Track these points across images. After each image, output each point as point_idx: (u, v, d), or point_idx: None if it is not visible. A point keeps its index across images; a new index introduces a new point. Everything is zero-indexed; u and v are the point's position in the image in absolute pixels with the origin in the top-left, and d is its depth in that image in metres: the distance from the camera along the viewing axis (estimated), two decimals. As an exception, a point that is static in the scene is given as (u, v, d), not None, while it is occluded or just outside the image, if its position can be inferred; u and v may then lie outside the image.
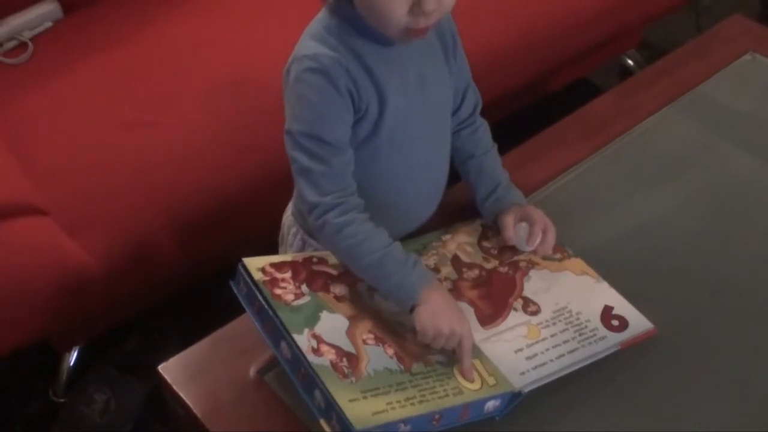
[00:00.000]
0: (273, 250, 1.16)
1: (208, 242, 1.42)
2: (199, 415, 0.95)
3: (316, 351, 0.89)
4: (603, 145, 1.31)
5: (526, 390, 0.95)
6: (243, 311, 1.05)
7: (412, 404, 0.89)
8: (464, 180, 1.16)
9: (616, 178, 1.27)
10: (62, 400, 1.54)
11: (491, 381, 0.95)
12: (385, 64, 0.99)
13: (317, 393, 0.87)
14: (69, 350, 1.54)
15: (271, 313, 0.93)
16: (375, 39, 0.97)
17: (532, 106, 1.93)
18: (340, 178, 0.98)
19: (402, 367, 0.93)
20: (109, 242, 1.31)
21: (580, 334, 1.02)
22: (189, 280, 1.50)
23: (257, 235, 1.34)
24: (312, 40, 0.97)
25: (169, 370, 1.00)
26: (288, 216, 1.15)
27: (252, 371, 1.00)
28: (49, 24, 1.62)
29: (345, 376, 0.88)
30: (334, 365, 0.89)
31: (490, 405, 0.94)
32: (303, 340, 0.90)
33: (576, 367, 0.98)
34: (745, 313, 1.08)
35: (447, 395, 0.92)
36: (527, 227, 1.10)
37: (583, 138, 1.32)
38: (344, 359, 0.90)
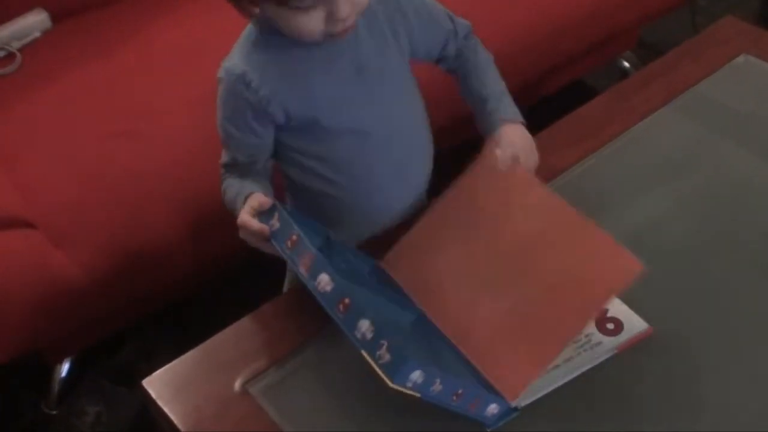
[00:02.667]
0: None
1: (199, 252, 1.41)
2: (183, 430, 0.94)
3: None
4: (596, 149, 1.29)
5: (522, 404, 0.94)
6: (231, 322, 1.05)
7: None
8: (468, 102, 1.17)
9: (609, 181, 1.25)
10: (54, 413, 1.53)
11: None
12: (310, 63, 1.02)
13: (363, 323, 0.85)
14: (60, 362, 1.53)
15: (308, 243, 0.93)
16: (297, 43, 0.99)
17: (526, 109, 1.91)
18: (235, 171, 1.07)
19: None
20: (97, 254, 1.30)
21: (574, 342, 1.00)
22: (181, 289, 1.49)
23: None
24: (236, 47, 1.04)
25: (154, 384, 0.98)
26: None
27: (237, 385, 0.98)
28: (37, 34, 1.61)
29: None
30: None
31: (492, 408, 0.92)
32: None
33: (573, 376, 0.97)
34: (744, 313, 1.06)
35: None
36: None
37: (575, 142, 1.30)
38: None
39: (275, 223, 0.99)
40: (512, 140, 1.10)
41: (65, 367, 1.54)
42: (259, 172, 1.09)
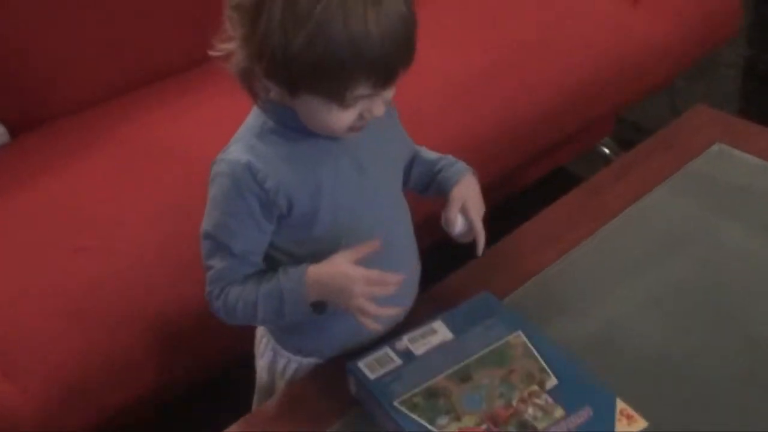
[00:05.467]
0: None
1: (162, 370, 1.34)
2: None
3: None
4: (567, 250, 1.24)
5: None
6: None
7: None
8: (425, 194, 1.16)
9: (583, 282, 1.20)
10: None
11: None
12: (317, 156, 1.00)
13: None
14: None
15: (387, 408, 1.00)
16: (307, 134, 0.97)
17: (502, 201, 1.87)
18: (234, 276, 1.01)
19: None
20: (50, 383, 1.23)
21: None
22: (143, 411, 1.41)
23: (229, 351, 1.29)
24: (235, 143, 1.00)
25: None
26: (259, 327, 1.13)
27: None
28: (-5, 149, 1.58)
29: None
30: None
31: None
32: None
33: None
34: (724, 424, 1.00)
35: None
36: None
37: (546, 243, 1.25)
38: None
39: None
40: (462, 194, 1.09)
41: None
42: (257, 274, 1.03)
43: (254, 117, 1.01)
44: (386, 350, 1.07)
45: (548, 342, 1.07)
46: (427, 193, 1.15)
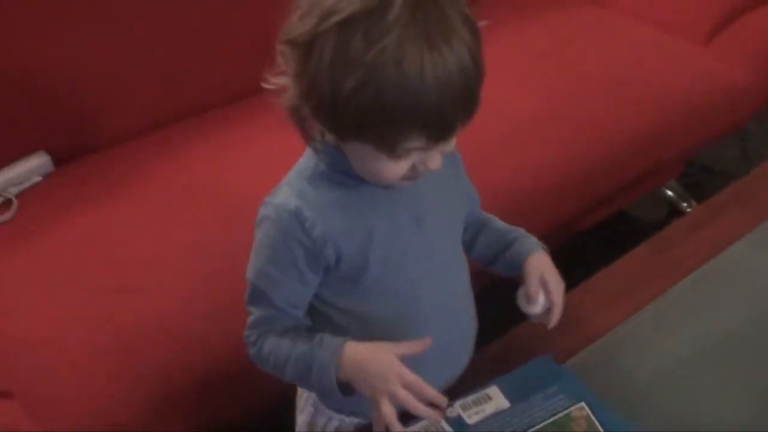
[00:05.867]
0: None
1: (203, 415, 1.28)
2: None
3: None
4: (634, 311, 1.15)
5: None
6: None
7: None
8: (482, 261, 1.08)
9: (651, 347, 1.10)
10: None
11: None
12: (371, 205, 0.93)
13: None
14: None
15: None
16: (360, 181, 0.91)
17: (560, 243, 1.78)
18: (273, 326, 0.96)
19: None
20: (75, 425, 1.17)
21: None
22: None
23: (271, 398, 1.21)
24: (285, 185, 0.94)
25: None
26: None
27: None
28: (38, 179, 1.52)
29: None
30: None
31: None
32: None
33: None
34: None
35: None
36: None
37: (609, 302, 1.16)
38: None
39: None
40: (539, 267, 1.01)
41: None
42: (297, 329, 0.97)
43: (306, 159, 0.95)
44: None
45: (614, 417, 0.98)
46: (494, 266, 1.07)
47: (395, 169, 0.86)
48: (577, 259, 1.23)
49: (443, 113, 0.81)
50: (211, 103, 1.64)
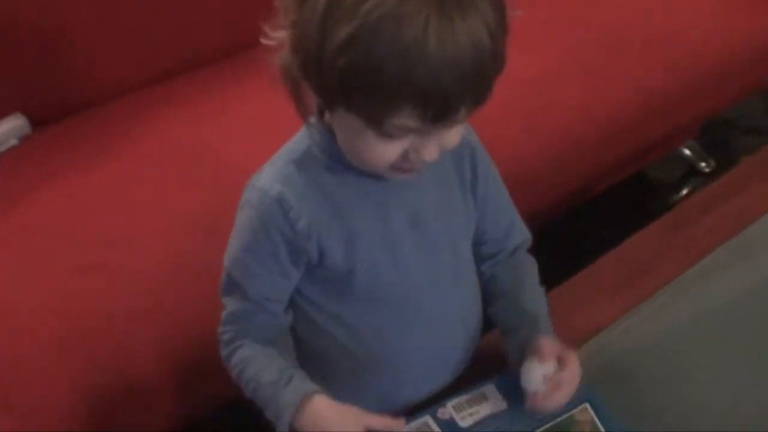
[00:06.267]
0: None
1: (179, 405, 1.22)
2: None
3: None
4: (644, 299, 1.06)
5: None
6: None
7: None
8: (497, 324, 0.97)
9: (661, 341, 1.01)
10: None
11: None
12: (362, 200, 0.85)
13: None
14: None
15: None
16: (352, 170, 0.83)
17: (572, 210, 1.69)
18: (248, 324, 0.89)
19: None
20: (46, 419, 1.10)
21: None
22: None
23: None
24: (270, 167, 0.86)
25: None
26: None
27: None
28: (14, 141, 1.44)
29: None
30: None
31: None
32: None
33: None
34: None
35: None
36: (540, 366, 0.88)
37: (618, 290, 1.07)
38: None
39: None
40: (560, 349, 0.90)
41: None
42: (276, 328, 0.90)
43: (298, 139, 0.86)
44: (426, 419, 0.92)
45: (619, 420, 0.90)
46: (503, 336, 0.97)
47: (384, 151, 0.76)
48: (589, 225, 1.14)
49: (443, 90, 0.70)
50: (198, 61, 1.55)
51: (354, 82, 0.71)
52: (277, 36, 0.77)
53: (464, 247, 0.95)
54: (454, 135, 0.78)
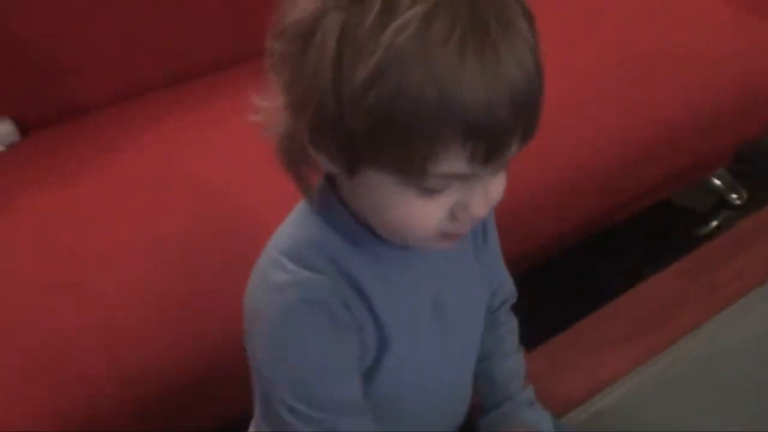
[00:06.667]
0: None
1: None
2: None
3: None
4: (656, 352, 0.96)
5: None
6: None
7: None
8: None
9: (674, 401, 0.91)
10: None
11: None
12: (389, 291, 0.72)
13: None
14: None
15: None
16: (371, 251, 0.70)
17: (591, 241, 1.59)
18: None
19: None
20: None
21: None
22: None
23: (231, 419, 1.03)
24: (283, 257, 0.69)
25: None
26: None
27: None
28: (2, 148, 1.39)
29: None
30: None
31: None
32: None
33: None
34: None
35: None
36: None
37: (628, 340, 0.97)
38: None
39: None
40: None
41: None
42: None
43: (307, 213, 0.73)
44: None
45: None
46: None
47: (431, 212, 0.64)
48: (609, 258, 1.04)
49: (495, 118, 0.59)
50: (187, 73, 1.49)
51: (387, 125, 0.59)
52: (269, 106, 0.66)
53: (481, 318, 0.86)
54: (500, 183, 0.66)
